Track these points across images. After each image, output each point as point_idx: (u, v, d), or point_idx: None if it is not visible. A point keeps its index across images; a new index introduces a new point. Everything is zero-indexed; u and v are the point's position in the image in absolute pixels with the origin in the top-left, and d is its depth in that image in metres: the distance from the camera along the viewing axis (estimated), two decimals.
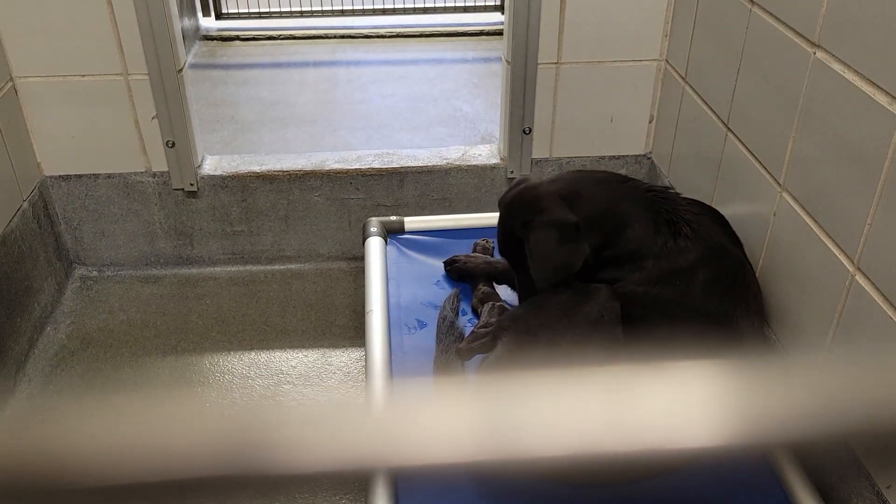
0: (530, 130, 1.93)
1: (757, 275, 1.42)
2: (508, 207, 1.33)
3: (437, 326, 1.47)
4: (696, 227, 1.28)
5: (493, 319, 1.40)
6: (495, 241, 1.73)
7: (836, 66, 1.15)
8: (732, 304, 1.23)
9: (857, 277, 1.12)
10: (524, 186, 1.34)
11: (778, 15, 1.31)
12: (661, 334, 1.20)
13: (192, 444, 0.28)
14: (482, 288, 1.54)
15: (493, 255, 1.69)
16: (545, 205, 1.27)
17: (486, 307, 1.46)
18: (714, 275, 1.25)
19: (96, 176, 1.93)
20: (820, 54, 1.19)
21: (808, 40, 1.22)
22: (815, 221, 1.22)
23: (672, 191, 1.37)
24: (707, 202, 1.62)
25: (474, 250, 1.69)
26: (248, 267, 2.09)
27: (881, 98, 1.04)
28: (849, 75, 1.12)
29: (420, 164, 2.00)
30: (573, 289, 1.27)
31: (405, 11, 3.43)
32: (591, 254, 1.28)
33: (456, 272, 1.62)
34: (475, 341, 1.36)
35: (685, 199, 1.36)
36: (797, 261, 1.28)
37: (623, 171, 2.03)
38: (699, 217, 1.31)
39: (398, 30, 3.36)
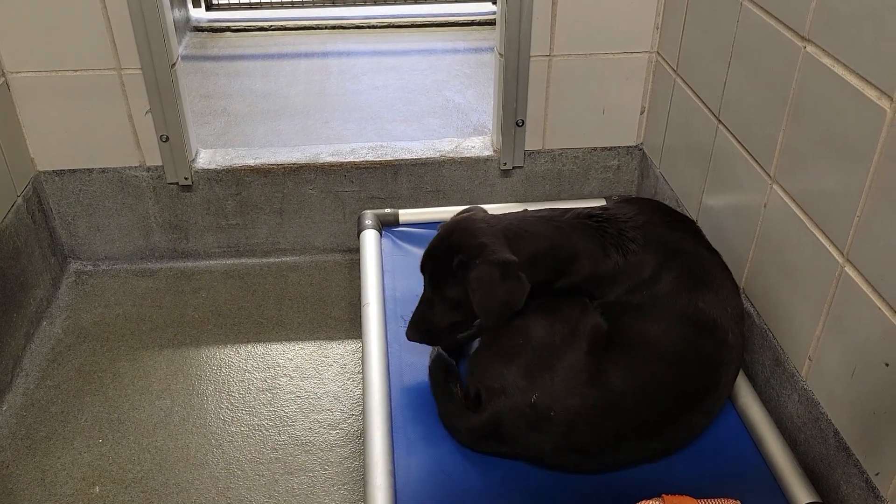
0: (523, 122, 1.94)
1: (746, 266, 1.45)
2: (450, 234, 1.31)
3: None
4: (642, 240, 1.30)
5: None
6: None
7: (826, 61, 1.16)
8: (699, 296, 1.25)
9: (846, 269, 1.14)
10: (470, 219, 1.32)
11: (768, 9, 1.33)
12: (637, 336, 1.23)
13: None
14: None
15: None
16: (488, 243, 1.25)
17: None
18: (676, 274, 1.27)
19: (90, 171, 1.93)
20: (810, 48, 1.20)
21: (798, 34, 1.23)
22: (806, 213, 1.24)
23: (611, 210, 1.36)
24: (698, 194, 1.65)
25: None
26: (243, 260, 2.10)
27: (870, 92, 1.06)
28: (838, 70, 1.13)
29: (414, 157, 2.01)
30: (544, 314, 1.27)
31: (396, 2, 3.42)
32: (542, 288, 1.28)
33: None
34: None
35: (627, 208, 1.37)
36: (787, 252, 1.30)
37: (615, 163, 2.05)
38: (644, 228, 1.32)
39: (389, 20, 3.35)
